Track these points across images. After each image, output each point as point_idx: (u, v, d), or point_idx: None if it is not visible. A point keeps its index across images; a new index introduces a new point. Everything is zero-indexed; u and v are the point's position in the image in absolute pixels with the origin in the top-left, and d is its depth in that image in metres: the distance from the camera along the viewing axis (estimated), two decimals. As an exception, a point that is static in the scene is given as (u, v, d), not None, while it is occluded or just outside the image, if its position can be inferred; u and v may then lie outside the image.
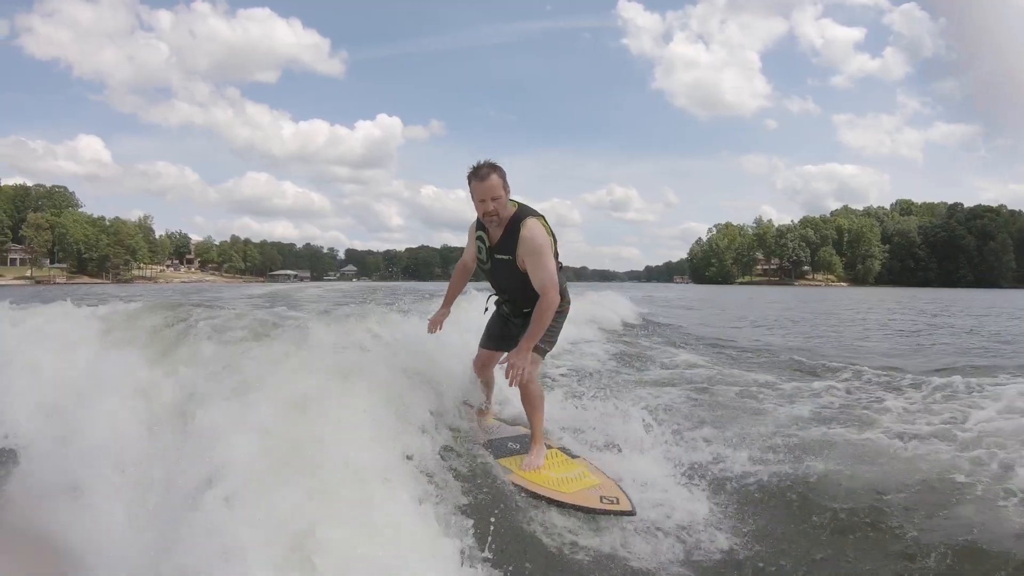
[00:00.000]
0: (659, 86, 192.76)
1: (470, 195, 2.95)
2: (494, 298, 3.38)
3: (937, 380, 5.12)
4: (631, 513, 2.66)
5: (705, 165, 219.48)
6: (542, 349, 3.07)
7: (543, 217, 3.03)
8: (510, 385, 2.89)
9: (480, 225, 3.08)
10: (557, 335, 3.15)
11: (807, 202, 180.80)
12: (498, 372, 3.49)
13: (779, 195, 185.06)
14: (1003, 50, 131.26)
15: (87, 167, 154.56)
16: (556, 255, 3.03)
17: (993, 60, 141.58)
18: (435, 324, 3.43)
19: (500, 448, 3.21)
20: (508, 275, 3.06)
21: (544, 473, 2.95)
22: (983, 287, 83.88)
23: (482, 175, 2.88)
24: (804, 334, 12.12)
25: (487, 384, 3.67)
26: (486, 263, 3.14)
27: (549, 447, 3.20)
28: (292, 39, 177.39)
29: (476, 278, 3.45)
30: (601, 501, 2.70)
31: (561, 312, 3.10)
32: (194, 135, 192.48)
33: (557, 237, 3.05)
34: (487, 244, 3.08)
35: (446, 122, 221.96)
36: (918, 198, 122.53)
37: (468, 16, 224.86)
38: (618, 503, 2.70)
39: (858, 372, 6.11)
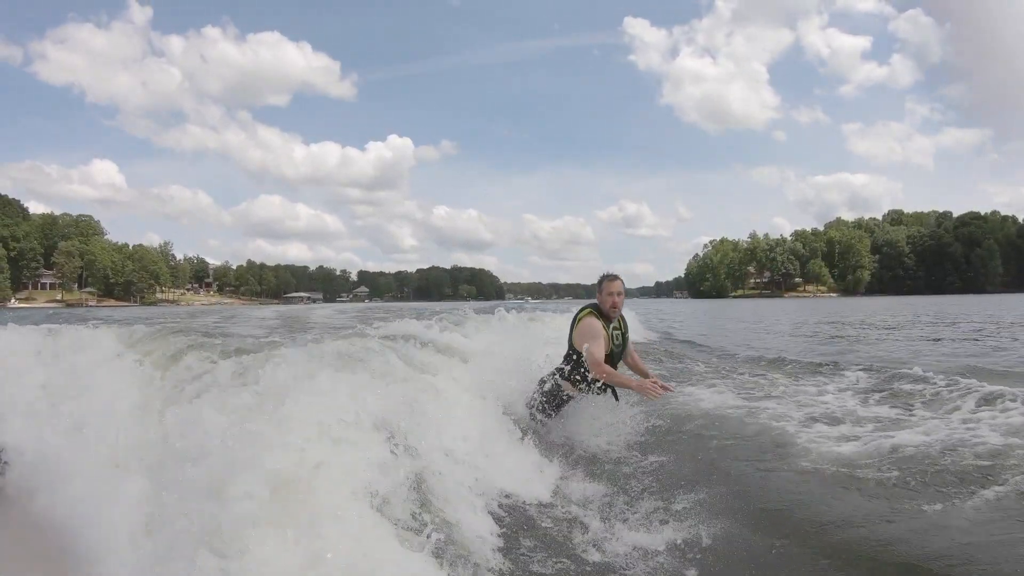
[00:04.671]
0: (668, 101, 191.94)
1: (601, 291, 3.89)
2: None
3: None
4: None
5: (716, 179, 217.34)
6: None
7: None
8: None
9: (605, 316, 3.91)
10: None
11: (819, 213, 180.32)
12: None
13: (791, 207, 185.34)
14: (1012, 52, 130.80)
15: (102, 191, 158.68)
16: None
17: (1002, 63, 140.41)
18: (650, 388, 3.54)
19: None
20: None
21: None
22: (970, 293, 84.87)
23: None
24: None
25: None
26: (621, 347, 4.00)
27: None
28: (302, 62, 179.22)
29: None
30: None
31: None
32: (207, 159, 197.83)
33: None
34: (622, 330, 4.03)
35: (457, 142, 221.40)
36: (929, 205, 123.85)
37: (476, 36, 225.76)
38: None
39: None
